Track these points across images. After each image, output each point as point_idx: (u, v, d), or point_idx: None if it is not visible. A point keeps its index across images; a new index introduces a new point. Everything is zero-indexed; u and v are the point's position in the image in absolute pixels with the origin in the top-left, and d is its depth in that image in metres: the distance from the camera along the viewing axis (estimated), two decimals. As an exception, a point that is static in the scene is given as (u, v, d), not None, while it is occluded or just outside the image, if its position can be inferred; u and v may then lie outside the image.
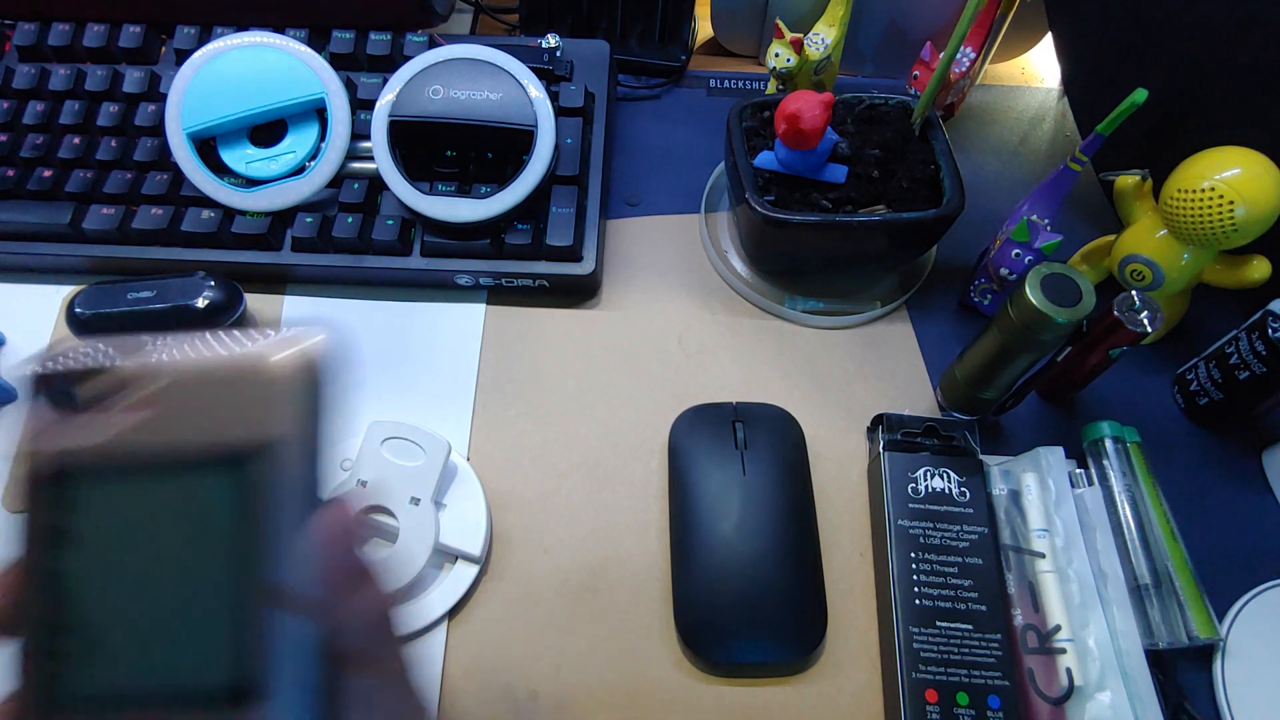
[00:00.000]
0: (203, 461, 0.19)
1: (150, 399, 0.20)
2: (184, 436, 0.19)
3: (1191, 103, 0.43)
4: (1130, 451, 0.42)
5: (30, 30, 0.49)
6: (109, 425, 0.19)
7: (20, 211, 0.46)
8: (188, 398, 0.20)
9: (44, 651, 0.19)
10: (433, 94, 0.45)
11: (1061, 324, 0.36)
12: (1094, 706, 0.34)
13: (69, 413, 0.20)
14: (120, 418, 0.20)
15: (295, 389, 0.19)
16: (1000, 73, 0.62)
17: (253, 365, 0.20)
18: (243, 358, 0.20)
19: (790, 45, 0.48)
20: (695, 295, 0.49)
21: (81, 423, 0.20)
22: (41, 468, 0.19)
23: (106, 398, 0.20)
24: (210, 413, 0.19)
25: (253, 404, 0.19)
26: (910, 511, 0.39)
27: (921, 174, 0.45)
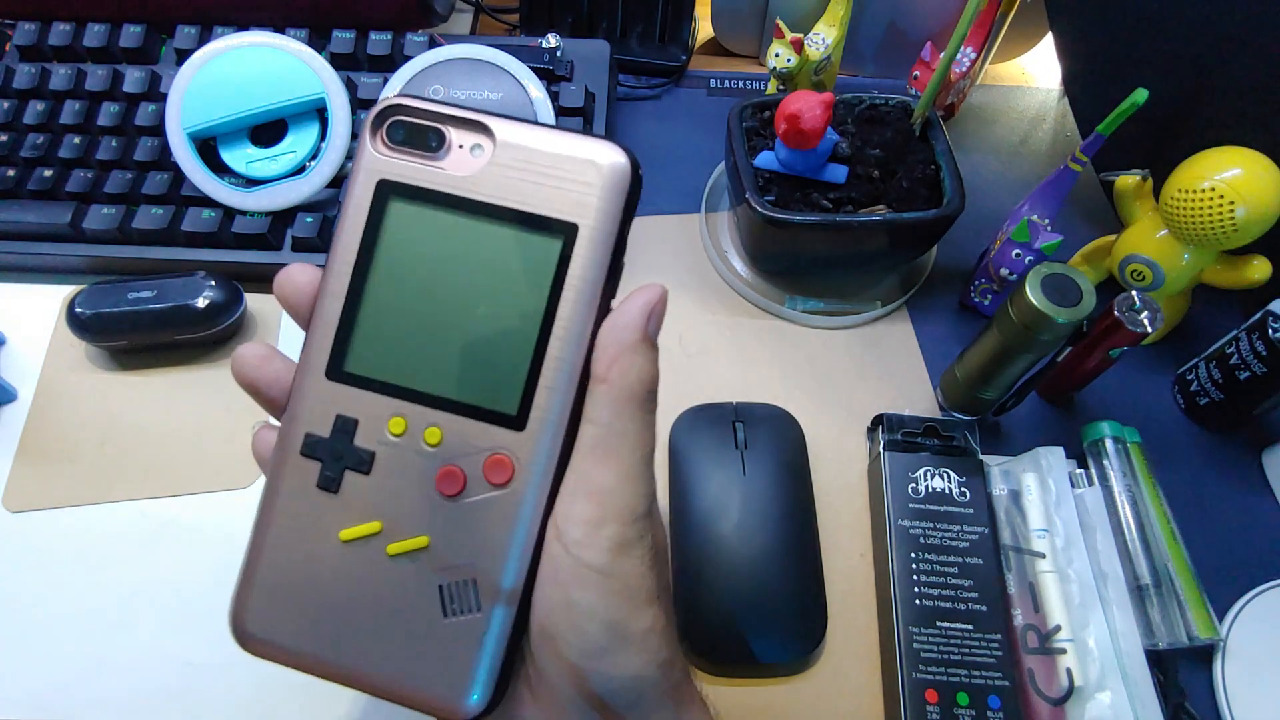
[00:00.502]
0: (524, 222, 0.22)
1: (484, 157, 0.23)
2: (510, 196, 0.22)
3: (1192, 103, 0.43)
4: (1130, 451, 0.42)
5: (30, 30, 0.49)
6: (444, 166, 0.23)
7: (20, 211, 0.46)
8: (519, 163, 0.22)
9: (336, 335, 0.23)
10: (433, 94, 0.45)
11: (1062, 324, 0.36)
12: (1094, 706, 0.34)
13: (408, 147, 0.23)
14: (457, 163, 0.23)
15: (616, 186, 0.23)
16: (1000, 73, 0.62)
17: (585, 155, 0.22)
18: (575, 146, 0.23)
19: (790, 45, 0.48)
20: (695, 295, 0.49)
21: (419, 157, 0.23)
22: (375, 186, 0.23)
23: (443, 144, 0.23)
24: (538, 183, 0.22)
25: (577, 188, 0.22)
26: (910, 511, 0.39)
27: (922, 174, 0.45)
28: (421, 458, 0.23)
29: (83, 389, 0.44)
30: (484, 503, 0.22)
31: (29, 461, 0.42)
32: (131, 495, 0.41)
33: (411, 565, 0.22)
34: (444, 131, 0.23)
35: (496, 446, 0.22)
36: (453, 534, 0.22)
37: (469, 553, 0.22)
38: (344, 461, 0.23)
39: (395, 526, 0.22)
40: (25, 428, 0.43)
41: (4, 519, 0.40)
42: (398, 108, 0.23)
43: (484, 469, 0.22)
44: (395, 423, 0.23)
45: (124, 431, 0.43)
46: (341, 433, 0.23)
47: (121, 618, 0.38)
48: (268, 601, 0.23)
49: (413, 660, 0.22)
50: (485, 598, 0.22)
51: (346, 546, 0.23)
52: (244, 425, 0.43)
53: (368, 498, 0.23)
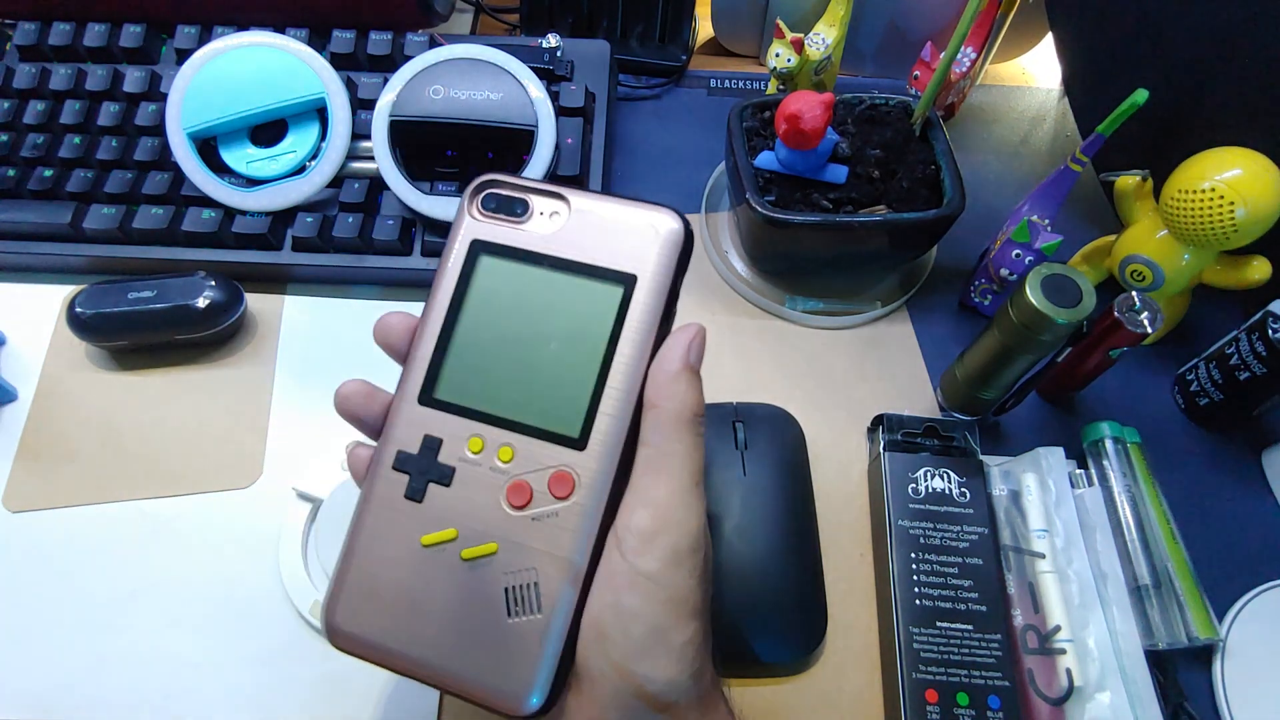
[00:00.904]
0: (592, 274, 0.26)
1: (559, 221, 0.27)
2: (581, 253, 0.27)
3: (1192, 103, 0.43)
4: (1130, 452, 0.42)
5: (30, 30, 0.49)
6: (528, 228, 0.27)
7: (20, 211, 0.46)
8: (590, 226, 0.27)
9: (429, 367, 0.27)
10: (433, 94, 0.45)
11: (1062, 324, 0.36)
12: (1094, 707, 0.34)
13: (499, 213, 0.27)
14: (538, 226, 0.27)
15: (670, 245, 0.26)
16: (1000, 73, 0.62)
17: (645, 220, 0.27)
18: (636, 211, 0.27)
19: (791, 45, 0.48)
20: (695, 295, 0.49)
21: (507, 221, 0.27)
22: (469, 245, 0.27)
23: (527, 210, 0.27)
24: (605, 243, 0.27)
25: (638, 246, 0.26)
26: (910, 512, 0.39)
27: (922, 174, 0.45)
28: (495, 473, 0.26)
29: (83, 389, 0.44)
30: (547, 514, 0.25)
31: (29, 461, 0.42)
32: (131, 495, 0.41)
33: (482, 568, 0.25)
34: (528, 201, 0.27)
35: (561, 464, 0.25)
36: (518, 542, 0.25)
37: (533, 558, 0.25)
38: (429, 475, 0.26)
39: (469, 533, 0.25)
40: (25, 428, 0.43)
41: (4, 519, 0.40)
42: (492, 182, 0.28)
43: (549, 483, 0.25)
44: (474, 442, 0.26)
45: (124, 431, 0.43)
46: (428, 450, 0.26)
47: (121, 618, 0.38)
48: (356, 599, 0.26)
49: (480, 658, 0.25)
50: (546, 600, 0.25)
51: (426, 551, 0.25)
52: (244, 425, 0.43)
53: (447, 507, 0.26)
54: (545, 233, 0.27)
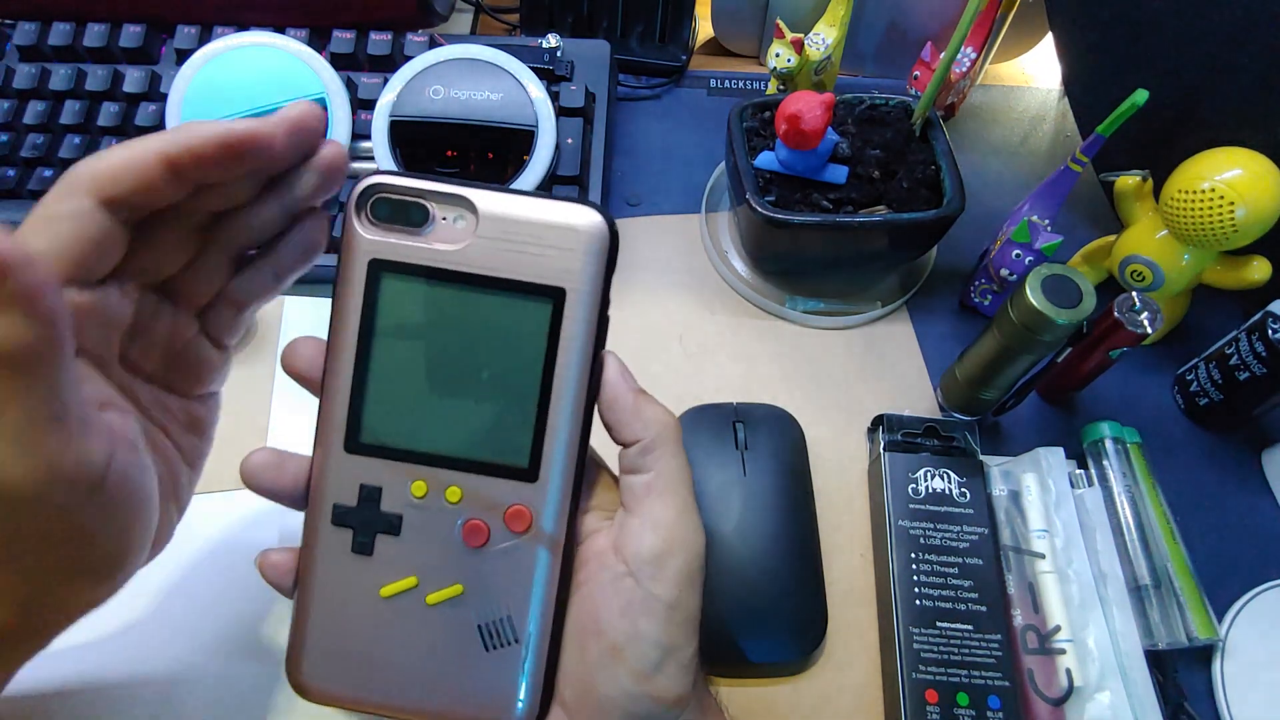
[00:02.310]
0: (516, 291, 0.24)
1: (468, 229, 0.24)
2: (499, 267, 0.24)
3: (1192, 104, 0.43)
4: (1130, 452, 0.42)
5: (30, 30, 0.49)
6: (431, 241, 0.24)
7: (21, 211, 0.46)
8: (503, 233, 0.24)
9: (349, 409, 0.24)
10: (433, 94, 0.45)
11: (1061, 325, 0.36)
12: (1094, 707, 0.34)
13: (394, 224, 0.24)
14: (443, 236, 0.24)
15: (597, 248, 0.24)
16: (1000, 73, 0.62)
17: (564, 220, 0.24)
18: (554, 211, 0.24)
19: (791, 45, 0.48)
20: (695, 295, 0.49)
21: (405, 233, 0.24)
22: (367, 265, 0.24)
23: (427, 219, 0.24)
24: (523, 251, 0.24)
25: (561, 254, 0.24)
26: (910, 512, 0.39)
27: (922, 174, 0.45)
28: (446, 515, 0.25)
29: (83, 389, 0.44)
30: (508, 549, 0.25)
31: (29, 462, 0.42)
32: (132, 495, 0.41)
33: (450, 610, 0.25)
34: (426, 207, 0.24)
35: (514, 499, 0.24)
36: (484, 579, 0.25)
37: (501, 593, 0.25)
38: (374, 526, 0.25)
39: (430, 578, 0.25)
40: (25, 428, 0.43)
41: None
42: (379, 186, 0.24)
43: (505, 519, 0.24)
44: (417, 486, 0.25)
45: (124, 432, 0.43)
46: (368, 501, 0.25)
47: (120, 617, 0.38)
48: (321, 657, 0.25)
49: (462, 689, 0.25)
50: (521, 629, 0.25)
51: (388, 601, 0.25)
52: (244, 426, 0.43)
53: (401, 556, 0.25)
54: (453, 245, 0.24)
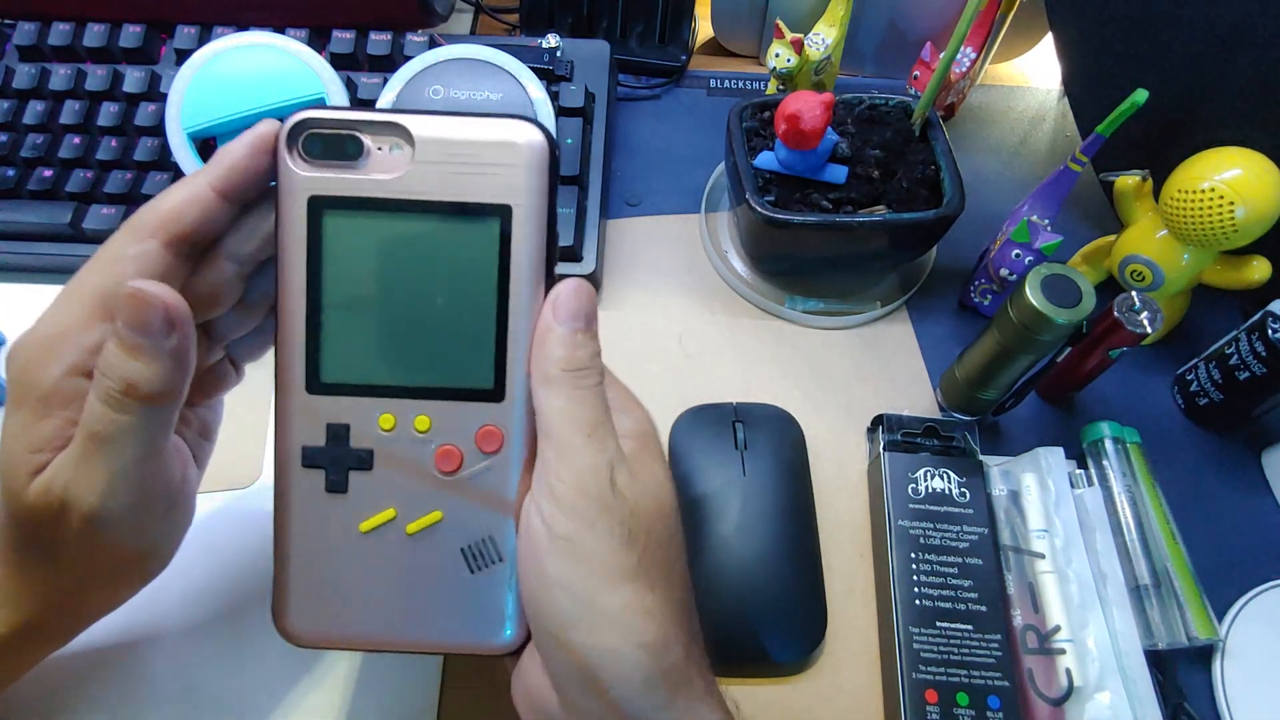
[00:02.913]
0: (461, 213, 0.24)
1: (404, 157, 0.23)
2: (441, 191, 0.23)
3: (1192, 103, 0.43)
4: (1130, 452, 0.42)
5: (30, 30, 0.49)
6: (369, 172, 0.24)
7: (20, 211, 0.46)
8: (442, 156, 0.23)
9: (306, 351, 0.24)
10: (433, 94, 0.45)
11: (1061, 325, 0.36)
12: (1093, 707, 0.34)
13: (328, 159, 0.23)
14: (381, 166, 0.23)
15: (537, 161, 0.24)
16: (1000, 73, 0.62)
17: (501, 136, 0.23)
18: (488, 128, 0.23)
19: (790, 45, 0.48)
20: (695, 295, 0.49)
21: (342, 167, 0.23)
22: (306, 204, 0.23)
23: (362, 150, 0.23)
24: (463, 173, 0.23)
25: (502, 171, 0.23)
26: (910, 512, 0.39)
27: (922, 174, 0.45)
28: (416, 444, 0.25)
29: (83, 389, 0.44)
30: (483, 471, 0.25)
31: (29, 461, 0.42)
32: (131, 495, 0.41)
33: (432, 538, 0.25)
34: (359, 138, 0.24)
35: (484, 420, 0.25)
36: (462, 504, 0.25)
37: (480, 515, 0.25)
38: (345, 463, 0.25)
39: (408, 509, 0.25)
40: (25, 428, 0.43)
41: (4, 519, 0.40)
42: (309, 121, 0.23)
43: (476, 441, 0.25)
44: (385, 419, 0.25)
45: (124, 431, 0.43)
46: (336, 439, 0.25)
47: (120, 617, 0.38)
48: (308, 601, 0.25)
49: (451, 615, 0.25)
50: (504, 547, 0.25)
51: (369, 535, 0.25)
52: (244, 426, 0.43)
53: (376, 490, 0.25)
54: (392, 174, 0.23)
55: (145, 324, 0.22)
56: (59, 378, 0.23)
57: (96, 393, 0.22)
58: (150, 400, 0.23)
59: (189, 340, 0.23)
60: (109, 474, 0.23)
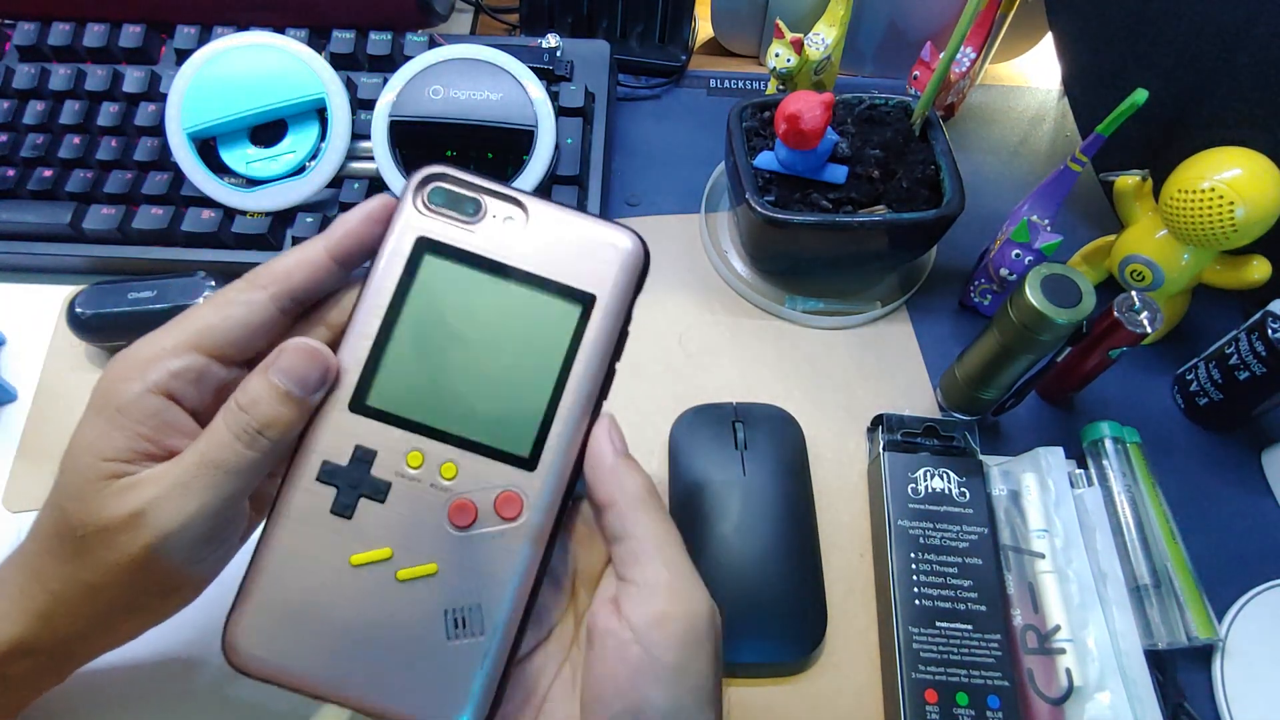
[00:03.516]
0: (551, 289, 0.25)
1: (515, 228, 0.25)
2: (539, 264, 0.25)
3: (1192, 103, 0.43)
4: (1130, 452, 0.42)
5: (30, 30, 0.49)
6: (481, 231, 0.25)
7: (20, 211, 0.46)
8: (548, 237, 0.25)
9: (363, 370, 0.25)
10: (433, 94, 0.45)
11: (1061, 324, 0.36)
12: (1093, 707, 0.34)
13: (447, 210, 0.25)
14: (492, 230, 0.25)
15: (631, 267, 0.25)
16: (1000, 73, 0.62)
17: (606, 238, 0.25)
18: (596, 228, 0.26)
19: (790, 45, 0.48)
20: (695, 295, 0.49)
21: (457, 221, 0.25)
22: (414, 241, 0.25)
23: (479, 211, 0.25)
24: (564, 257, 0.25)
25: (598, 264, 0.25)
26: (910, 512, 0.39)
27: (922, 174, 0.45)
28: (436, 490, 0.24)
29: (83, 389, 0.43)
30: (493, 534, 0.24)
31: (29, 461, 0.42)
32: (132, 495, 0.41)
33: (420, 590, 0.24)
34: (481, 201, 0.25)
35: (509, 484, 0.25)
36: (461, 562, 0.24)
37: (476, 580, 0.24)
38: (360, 489, 0.24)
39: (406, 553, 0.24)
40: (25, 428, 0.43)
41: (4, 519, 0.40)
42: (441, 175, 0.26)
43: (496, 503, 0.24)
44: (413, 456, 0.24)
45: (124, 431, 0.43)
46: (360, 462, 0.24)
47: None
48: (265, 620, 0.24)
49: (410, 680, 0.24)
50: (489, 621, 0.24)
51: (356, 571, 0.24)
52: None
53: (381, 525, 0.24)
54: (501, 239, 0.25)
55: (305, 377, 0.24)
56: (140, 393, 0.24)
57: (230, 427, 0.24)
58: (277, 444, 0.24)
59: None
60: (204, 502, 0.23)
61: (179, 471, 0.23)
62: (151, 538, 0.23)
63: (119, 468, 0.24)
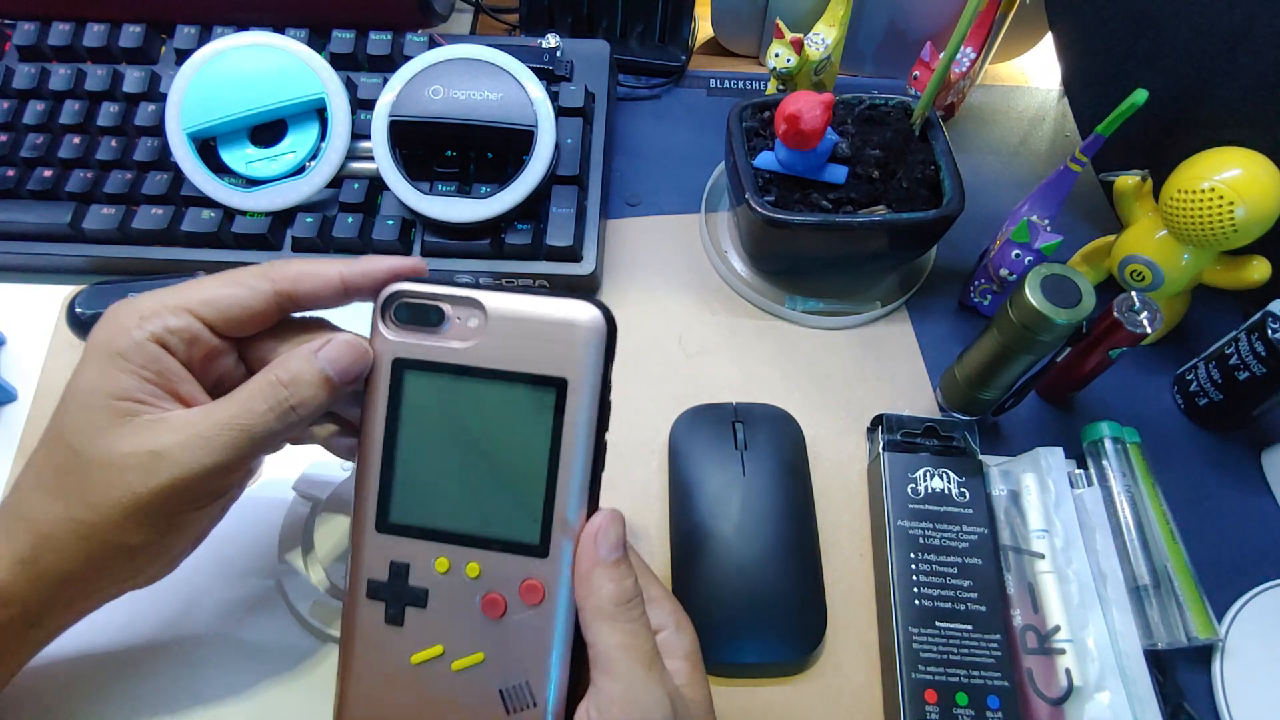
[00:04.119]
0: (521, 382, 0.26)
1: (479, 327, 0.27)
2: (506, 360, 0.26)
3: (1192, 103, 0.43)
4: (1130, 452, 0.42)
5: (30, 30, 0.49)
6: (447, 340, 0.27)
7: (20, 211, 0.46)
8: (510, 330, 0.26)
9: (379, 493, 0.27)
10: (433, 94, 0.45)
11: (1061, 325, 0.36)
12: (1093, 707, 0.34)
13: (414, 325, 0.27)
14: (457, 335, 0.27)
15: (594, 339, 0.26)
16: (1000, 73, 0.62)
17: (564, 315, 0.26)
18: (554, 307, 0.26)
19: (790, 45, 0.48)
20: (695, 295, 0.49)
21: (424, 333, 0.27)
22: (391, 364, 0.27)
23: (443, 319, 0.27)
24: (528, 346, 0.26)
25: (562, 346, 0.26)
26: (910, 512, 0.39)
27: (922, 174, 0.45)
28: (466, 588, 0.27)
29: (83, 389, 0.44)
30: (524, 620, 0.27)
31: (29, 461, 0.42)
32: (132, 495, 0.41)
33: (474, 676, 0.27)
34: (442, 309, 0.27)
35: (527, 574, 0.26)
36: (503, 647, 0.27)
37: (519, 660, 0.26)
38: (403, 599, 0.27)
39: (455, 647, 0.27)
40: (25, 428, 0.43)
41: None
42: (401, 293, 0.27)
43: (520, 593, 0.26)
44: (440, 562, 0.27)
45: (124, 431, 0.43)
46: (397, 576, 0.27)
47: (120, 617, 0.38)
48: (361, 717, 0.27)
49: None
50: (539, 693, 0.26)
51: (418, 668, 0.27)
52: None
53: (428, 626, 0.27)
54: (467, 341, 0.27)
55: (349, 371, 0.26)
56: (141, 340, 0.25)
57: (266, 399, 0.25)
58: (302, 420, 0.26)
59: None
60: (222, 459, 0.25)
61: (204, 425, 0.25)
62: (165, 479, 0.24)
63: (130, 406, 0.25)
